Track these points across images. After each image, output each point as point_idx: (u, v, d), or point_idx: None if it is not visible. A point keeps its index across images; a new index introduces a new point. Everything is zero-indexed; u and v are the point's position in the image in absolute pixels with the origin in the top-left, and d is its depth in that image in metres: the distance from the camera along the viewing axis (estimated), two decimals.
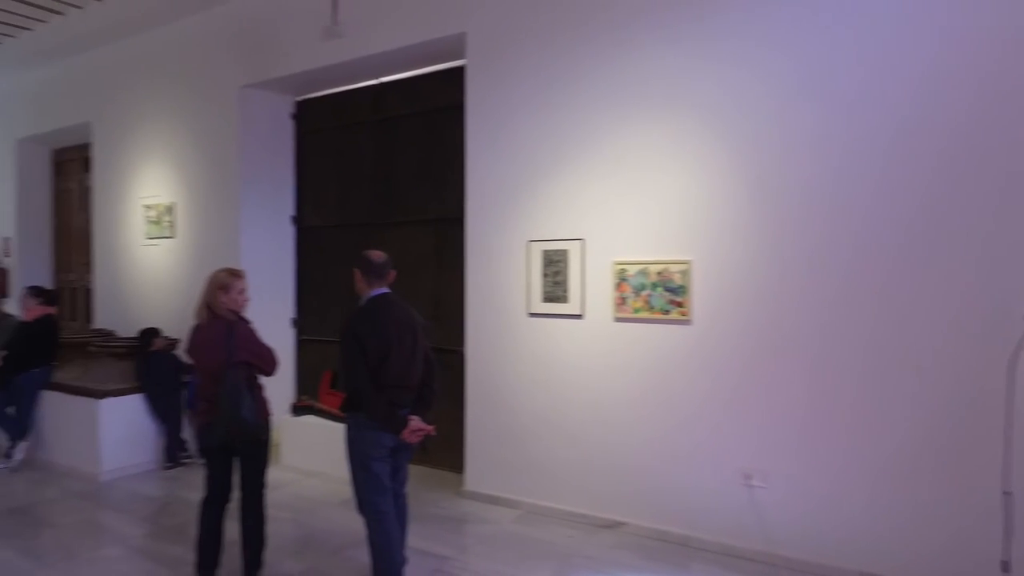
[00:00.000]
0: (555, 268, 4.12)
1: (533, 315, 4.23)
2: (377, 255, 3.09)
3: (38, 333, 5.39)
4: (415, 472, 5.15)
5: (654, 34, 3.80)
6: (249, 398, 3.12)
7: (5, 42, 6.93)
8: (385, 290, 3.08)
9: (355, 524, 3.75)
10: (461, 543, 3.82)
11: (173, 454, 5.20)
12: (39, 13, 6.22)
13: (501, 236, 4.36)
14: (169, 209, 6.26)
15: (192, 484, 4.80)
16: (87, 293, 7.65)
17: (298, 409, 5.42)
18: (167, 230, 6.26)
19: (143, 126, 6.57)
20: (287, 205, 6.05)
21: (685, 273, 3.69)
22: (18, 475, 5.06)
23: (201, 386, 3.24)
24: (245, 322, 3.24)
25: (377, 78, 5.45)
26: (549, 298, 4.16)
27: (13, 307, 6.63)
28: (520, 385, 4.29)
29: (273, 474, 5.04)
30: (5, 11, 6.14)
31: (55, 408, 5.32)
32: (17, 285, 7.72)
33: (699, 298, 3.68)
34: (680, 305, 3.71)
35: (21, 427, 5.26)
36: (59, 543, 3.81)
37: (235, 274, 3.22)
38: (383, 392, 2.92)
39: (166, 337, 5.53)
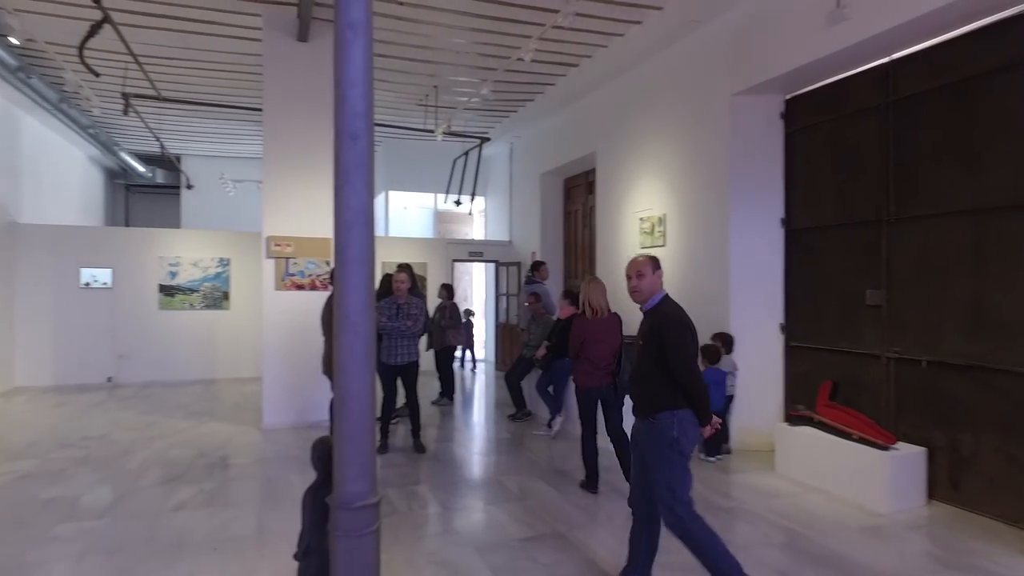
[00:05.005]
0: None
1: None
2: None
3: (567, 328, 6.60)
4: (942, 512, 4.35)
5: None
6: None
7: (536, 99, 8.84)
8: None
9: (891, 560, 3.38)
10: None
11: (718, 447, 5.61)
12: (560, 69, 7.69)
13: None
14: (661, 220, 6.89)
15: (712, 476, 5.11)
16: None
17: (793, 419, 5.21)
18: (659, 239, 6.91)
19: (638, 148, 7.43)
20: (776, 207, 5.92)
21: None
22: (555, 442, 6.29)
23: (600, 358, 4.70)
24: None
25: (888, 55, 4.83)
26: None
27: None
28: None
29: (769, 481, 5.02)
30: (534, 73, 7.80)
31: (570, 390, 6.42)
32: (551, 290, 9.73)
33: None
34: None
35: (557, 404, 6.54)
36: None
37: None
38: None
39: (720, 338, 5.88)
